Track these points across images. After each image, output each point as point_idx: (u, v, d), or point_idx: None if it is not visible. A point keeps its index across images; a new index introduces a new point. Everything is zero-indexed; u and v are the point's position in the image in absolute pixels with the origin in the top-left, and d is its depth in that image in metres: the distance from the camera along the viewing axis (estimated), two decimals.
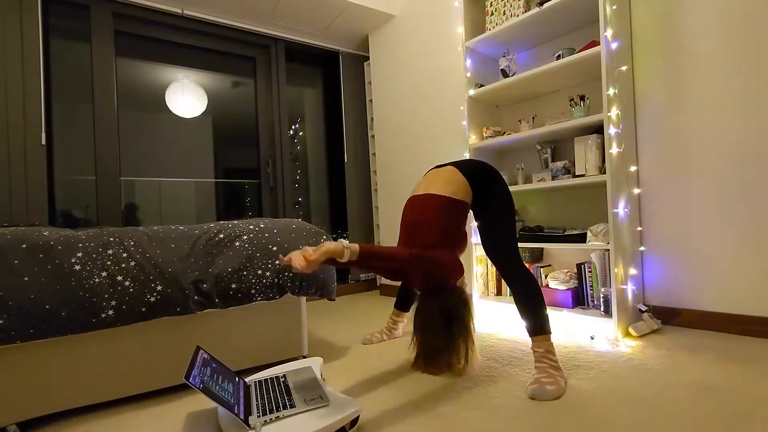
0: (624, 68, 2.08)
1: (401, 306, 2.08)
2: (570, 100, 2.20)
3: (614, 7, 2.01)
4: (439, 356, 1.47)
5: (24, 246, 1.27)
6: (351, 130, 3.81)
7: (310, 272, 1.48)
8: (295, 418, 1.10)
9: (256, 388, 1.30)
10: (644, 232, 2.16)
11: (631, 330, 1.91)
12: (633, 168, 2.13)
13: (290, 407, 1.15)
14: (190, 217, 3.18)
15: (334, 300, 2.05)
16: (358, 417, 1.14)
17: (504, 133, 2.51)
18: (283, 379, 1.37)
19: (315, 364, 1.50)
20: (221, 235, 1.61)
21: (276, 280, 1.63)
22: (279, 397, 1.22)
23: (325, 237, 1.79)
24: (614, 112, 1.96)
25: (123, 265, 1.39)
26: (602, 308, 2.01)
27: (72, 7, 2.71)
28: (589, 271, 2.12)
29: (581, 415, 1.19)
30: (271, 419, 1.09)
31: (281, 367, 1.51)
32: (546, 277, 2.31)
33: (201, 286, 1.49)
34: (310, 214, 3.80)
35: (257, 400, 1.21)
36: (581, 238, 2.09)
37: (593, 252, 2.08)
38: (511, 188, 2.40)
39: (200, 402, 1.43)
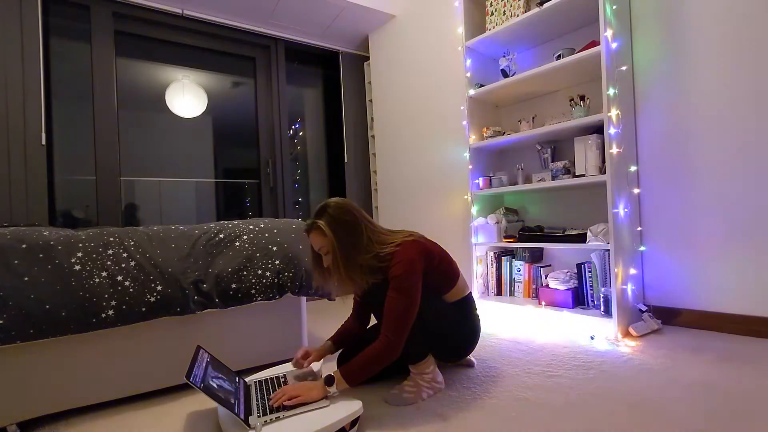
0: (624, 68, 2.08)
1: None
2: (570, 100, 2.20)
3: (614, 7, 2.01)
4: None
5: (24, 246, 1.27)
6: (351, 130, 3.81)
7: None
8: (296, 418, 1.10)
9: (256, 388, 1.30)
10: (644, 232, 2.16)
11: (631, 330, 1.91)
12: (633, 168, 2.13)
13: (290, 407, 1.15)
14: (190, 217, 3.18)
15: (335, 300, 2.04)
16: (358, 417, 1.14)
17: (504, 133, 2.51)
18: (283, 379, 1.37)
19: (315, 364, 1.50)
20: (221, 235, 1.61)
21: (276, 280, 1.63)
22: None
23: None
24: (614, 112, 1.96)
25: (123, 265, 1.39)
26: (602, 308, 2.01)
27: (72, 7, 2.71)
28: (589, 271, 2.12)
29: (581, 415, 1.19)
30: (271, 419, 1.09)
31: (281, 367, 1.51)
32: (546, 277, 2.31)
33: (201, 286, 1.49)
34: (310, 214, 3.80)
35: (257, 400, 1.21)
36: (581, 238, 2.09)
37: (593, 252, 2.08)
38: (511, 188, 2.40)
39: (200, 402, 1.43)
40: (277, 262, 1.63)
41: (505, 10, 2.40)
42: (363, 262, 1.32)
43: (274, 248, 1.65)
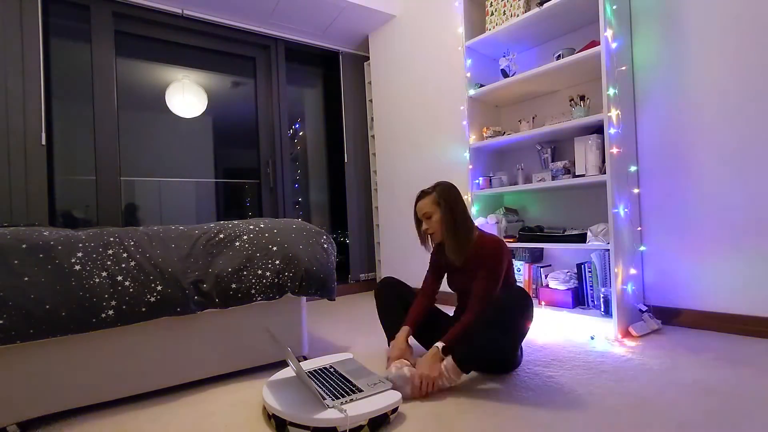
0: (624, 68, 2.08)
1: None
2: (570, 100, 2.20)
3: (614, 7, 2.01)
4: None
5: (24, 246, 1.27)
6: (351, 130, 3.81)
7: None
8: (362, 401, 1.21)
9: (312, 377, 1.40)
10: (644, 232, 2.16)
11: (631, 330, 1.91)
12: (633, 168, 2.13)
13: (359, 391, 1.25)
14: (190, 217, 3.18)
15: (334, 300, 2.04)
16: (397, 407, 1.23)
17: (504, 133, 2.51)
18: (332, 369, 1.46)
19: (342, 358, 1.61)
20: (221, 235, 1.61)
21: (276, 280, 1.63)
22: (343, 384, 1.32)
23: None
24: (614, 112, 1.96)
25: (123, 265, 1.39)
26: (602, 308, 2.01)
27: (72, 7, 2.71)
28: (589, 271, 2.12)
29: (581, 415, 1.19)
30: (346, 401, 1.20)
31: (321, 359, 1.60)
32: (546, 277, 2.31)
33: (201, 286, 1.49)
34: (310, 214, 3.80)
35: (320, 388, 1.29)
36: (581, 238, 2.09)
37: (593, 252, 2.08)
38: (511, 188, 2.40)
39: (200, 402, 1.43)
40: (277, 262, 1.63)
41: (505, 10, 2.40)
42: (463, 230, 1.59)
43: (274, 248, 1.65)
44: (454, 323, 1.70)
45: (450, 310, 1.84)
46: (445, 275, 1.76)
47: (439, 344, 1.45)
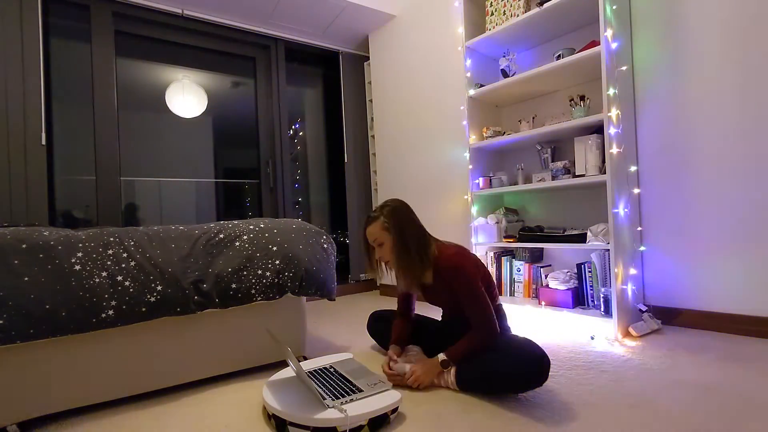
0: (624, 68, 2.08)
1: None
2: (570, 100, 2.20)
3: (614, 7, 2.01)
4: None
5: (24, 246, 1.27)
6: (351, 130, 3.81)
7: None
8: (362, 401, 1.21)
9: (312, 377, 1.39)
10: (644, 232, 2.16)
11: (631, 330, 1.91)
12: (633, 168, 2.13)
13: (359, 391, 1.25)
14: (190, 217, 3.18)
15: (334, 300, 2.04)
16: (398, 406, 1.23)
17: (504, 133, 2.51)
18: (332, 369, 1.46)
19: (341, 357, 1.60)
20: (221, 235, 1.61)
21: (276, 280, 1.62)
22: (343, 384, 1.32)
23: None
24: (614, 112, 1.96)
25: (123, 265, 1.39)
26: (602, 308, 2.01)
27: (72, 7, 2.71)
28: (589, 271, 2.12)
29: (581, 416, 1.19)
30: (346, 401, 1.20)
31: (321, 359, 1.60)
32: (546, 277, 2.31)
33: (201, 286, 1.49)
34: (310, 214, 3.80)
35: (320, 388, 1.29)
36: (581, 238, 2.09)
37: (593, 252, 2.08)
38: (511, 188, 2.40)
39: (200, 402, 1.43)
40: (277, 262, 1.63)
41: (505, 10, 2.40)
42: (417, 256, 1.46)
43: (274, 248, 1.65)
44: (443, 328, 1.68)
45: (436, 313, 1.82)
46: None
47: (442, 356, 1.42)
